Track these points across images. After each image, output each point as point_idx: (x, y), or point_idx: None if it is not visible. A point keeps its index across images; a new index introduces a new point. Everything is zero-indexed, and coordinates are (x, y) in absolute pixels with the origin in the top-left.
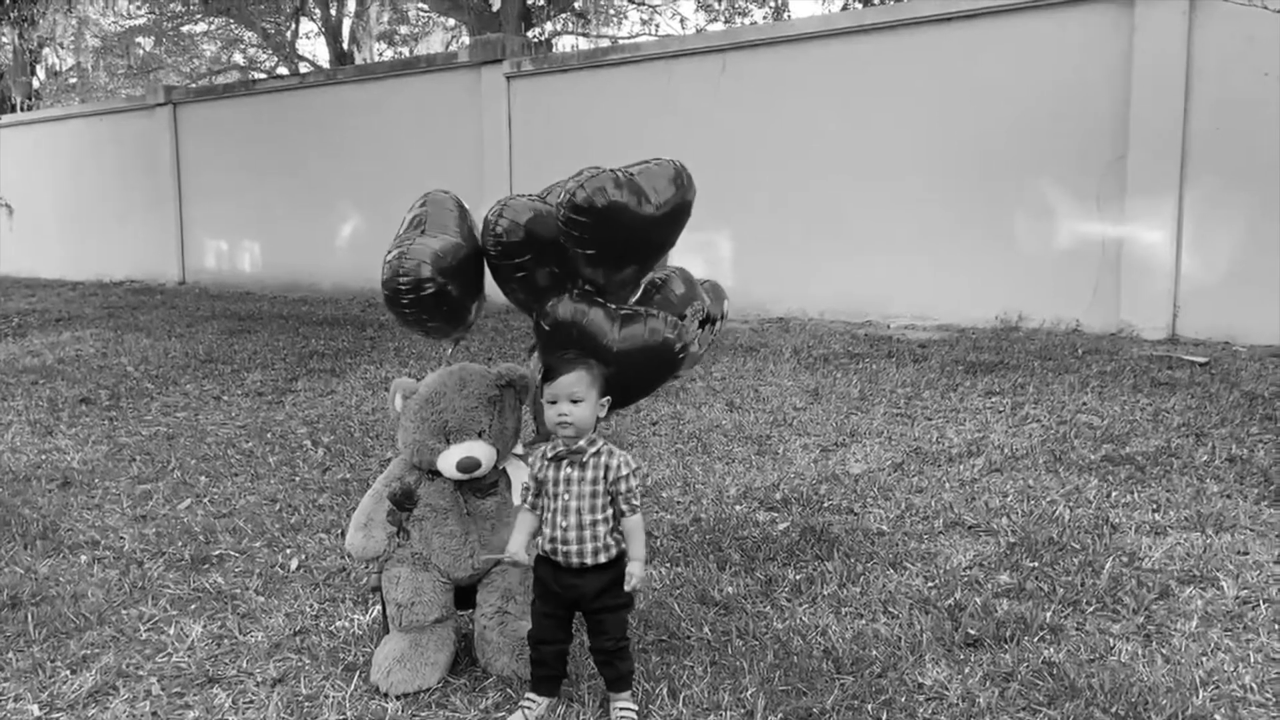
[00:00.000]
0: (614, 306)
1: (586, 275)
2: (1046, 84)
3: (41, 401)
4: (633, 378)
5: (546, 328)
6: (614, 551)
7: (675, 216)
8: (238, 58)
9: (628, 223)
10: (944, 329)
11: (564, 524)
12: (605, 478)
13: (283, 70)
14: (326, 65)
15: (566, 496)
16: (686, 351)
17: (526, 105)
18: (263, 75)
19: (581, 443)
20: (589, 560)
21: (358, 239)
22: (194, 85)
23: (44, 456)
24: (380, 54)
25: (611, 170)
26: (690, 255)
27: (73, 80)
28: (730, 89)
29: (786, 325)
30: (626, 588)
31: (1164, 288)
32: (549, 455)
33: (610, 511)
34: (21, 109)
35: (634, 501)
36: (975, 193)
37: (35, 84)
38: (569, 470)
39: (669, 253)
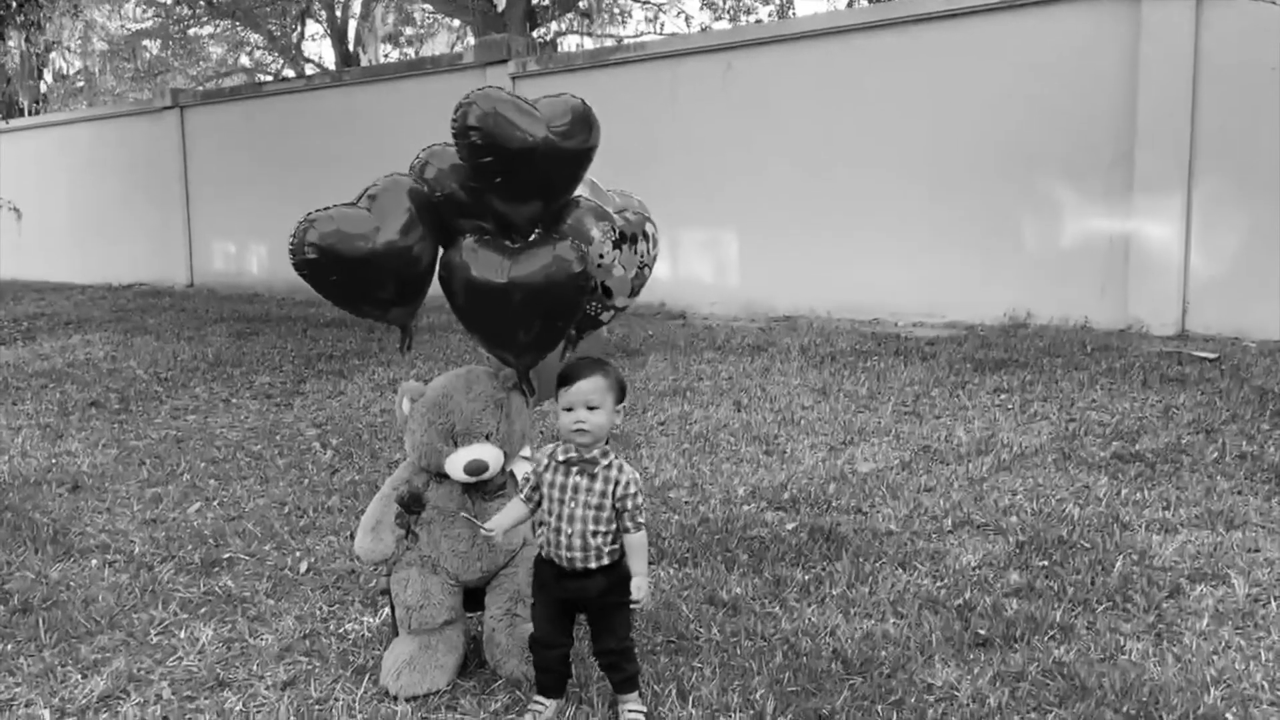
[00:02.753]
0: (509, 242)
1: (496, 210)
2: (1053, 80)
3: (51, 405)
4: (542, 312)
5: (443, 274)
6: (616, 555)
7: (577, 155)
8: (244, 60)
9: (521, 144)
10: (952, 326)
11: (569, 531)
12: (613, 492)
13: (289, 73)
14: (332, 67)
15: (573, 505)
16: (593, 277)
17: None
18: (269, 78)
19: (595, 452)
20: (593, 564)
21: None
22: (201, 88)
23: (54, 460)
24: (386, 56)
25: (502, 90)
26: (696, 253)
27: (80, 84)
28: (736, 87)
29: (793, 324)
30: (633, 600)
31: (1173, 283)
32: (560, 459)
33: (614, 525)
34: (29, 113)
35: (639, 519)
36: (983, 189)
37: (42, 88)
38: (578, 479)
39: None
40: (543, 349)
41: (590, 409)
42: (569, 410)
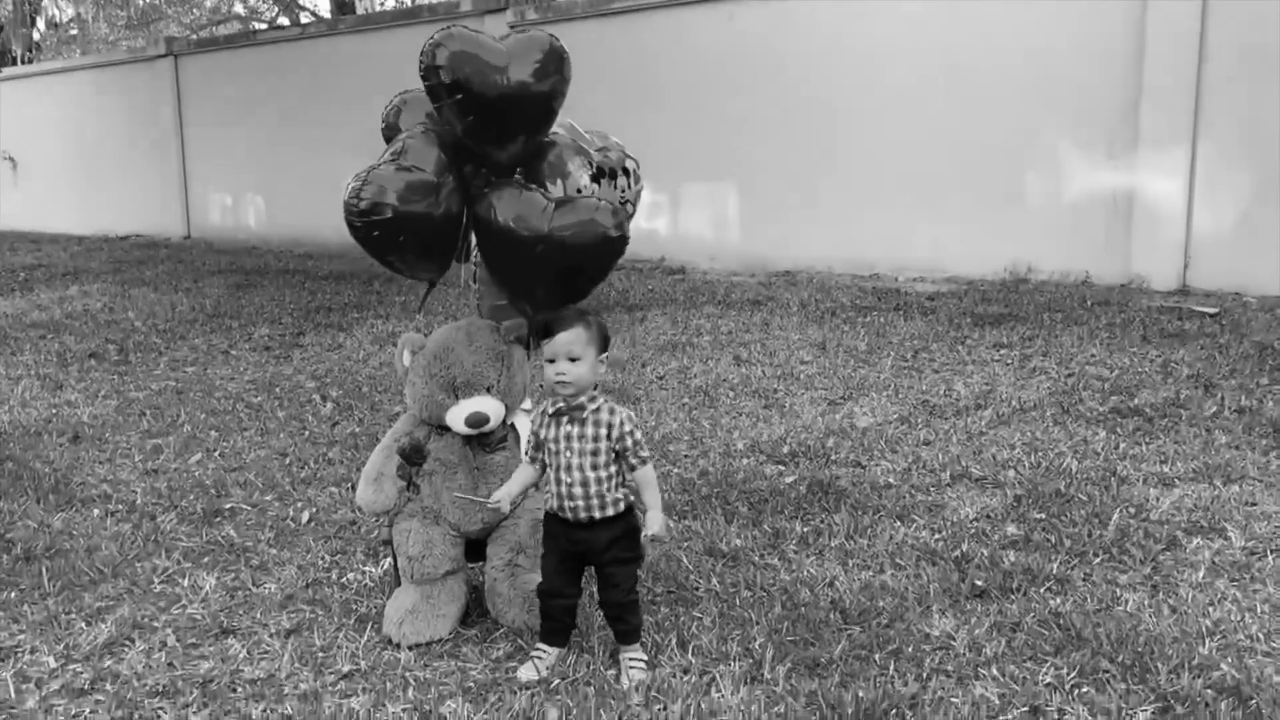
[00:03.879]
0: (547, 193)
1: (476, 148)
2: (1059, 32)
3: (50, 356)
4: (573, 266)
5: (481, 215)
6: (622, 505)
7: (548, 92)
8: (238, 8)
9: (486, 83)
10: (953, 281)
11: (568, 480)
12: (608, 436)
13: (284, 20)
14: (327, 15)
15: (568, 454)
16: (628, 242)
17: None
18: (263, 26)
19: (581, 399)
20: (597, 514)
21: None
22: (194, 36)
23: (54, 411)
24: (382, 3)
25: (470, 29)
26: (696, 207)
27: (73, 32)
28: (737, 39)
29: (793, 278)
30: (647, 534)
31: (1175, 238)
32: (549, 412)
33: (615, 467)
34: (22, 61)
35: (642, 454)
36: (985, 143)
37: (36, 36)
38: (569, 427)
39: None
40: (563, 304)
41: (571, 360)
42: (551, 362)
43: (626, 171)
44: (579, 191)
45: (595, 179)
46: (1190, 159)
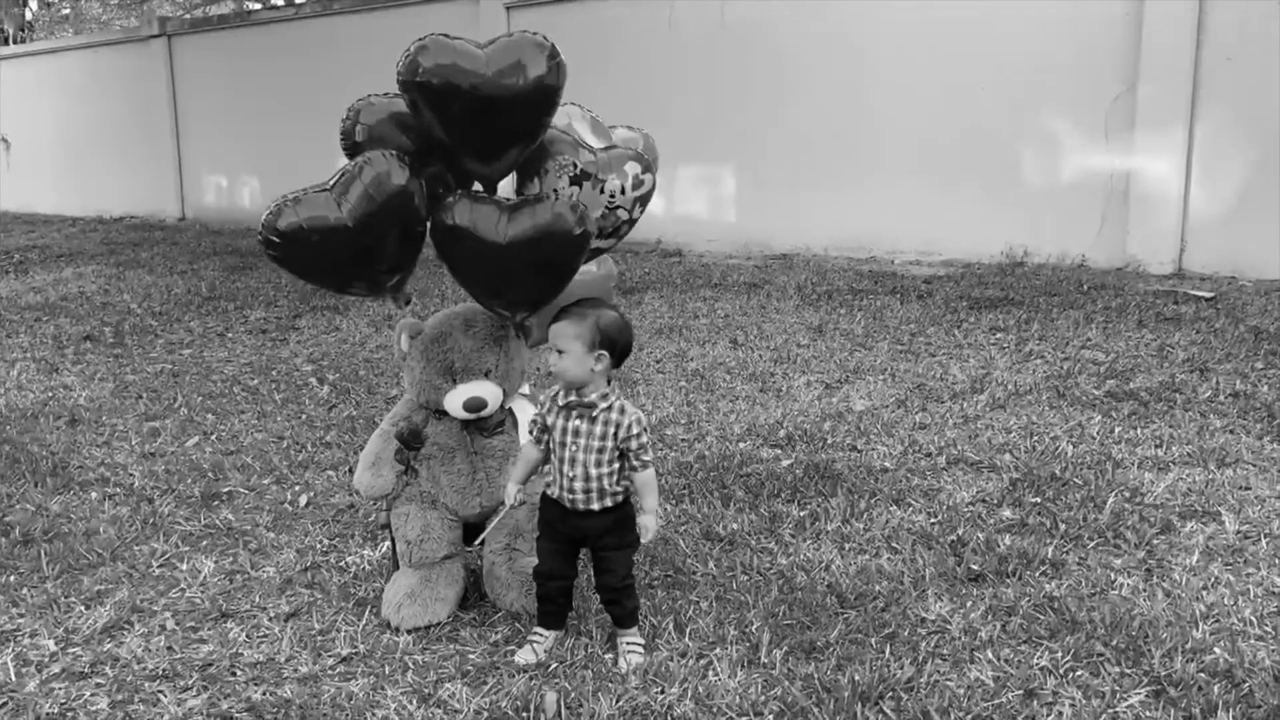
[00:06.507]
0: (504, 199)
1: (463, 161)
2: (1056, 13)
3: (46, 339)
4: (536, 267)
5: (438, 236)
6: (620, 497)
7: (532, 96)
8: None
9: (469, 95)
10: (949, 264)
11: (571, 474)
12: (615, 435)
13: (278, 0)
14: None
15: (574, 448)
16: (593, 236)
17: None
18: (257, 5)
19: (593, 396)
20: (595, 506)
21: None
22: (187, 16)
23: (50, 394)
24: None
25: (449, 37)
26: (693, 190)
27: (65, 11)
28: (734, 21)
29: (790, 262)
30: (643, 540)
31: (1172, 221)
32: (560, 403)
33: (617, 465)
34: (14, 41)
35: (645, 457)
36: (982, 125)
37: (28, 15)
38: (578, 423)
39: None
40: (537, 304)
41: (560, 353)
42: (550, 351)
43: (625, 175)
44: (554, 193)
45: (576, 181)
46: (1188, 142)
